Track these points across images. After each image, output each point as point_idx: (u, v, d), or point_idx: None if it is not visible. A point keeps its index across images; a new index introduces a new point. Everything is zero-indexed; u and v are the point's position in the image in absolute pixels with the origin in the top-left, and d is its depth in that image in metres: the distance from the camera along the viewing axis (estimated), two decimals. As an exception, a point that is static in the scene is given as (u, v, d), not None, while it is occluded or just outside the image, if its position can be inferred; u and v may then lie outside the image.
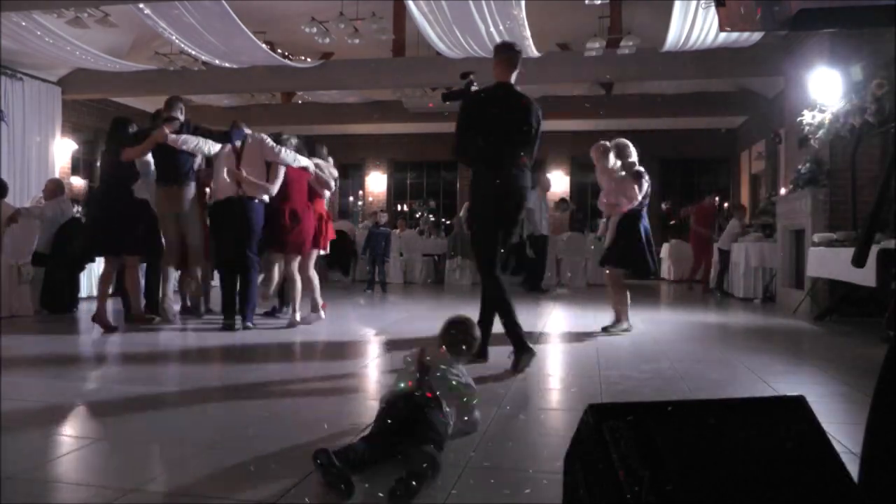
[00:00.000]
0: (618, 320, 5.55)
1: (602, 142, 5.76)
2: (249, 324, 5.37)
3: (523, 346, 3.89)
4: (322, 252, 6.11)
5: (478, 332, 2.73)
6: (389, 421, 2.19)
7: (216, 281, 6.90)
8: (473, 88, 4.41)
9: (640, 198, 5.46)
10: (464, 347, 2.58)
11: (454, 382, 2.41)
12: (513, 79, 4.33)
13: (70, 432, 2.67)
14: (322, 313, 5.98)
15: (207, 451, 2.36)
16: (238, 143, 5.51)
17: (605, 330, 5.48)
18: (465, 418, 2.47)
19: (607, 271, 5.72)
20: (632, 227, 5.43)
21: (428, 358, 2.43)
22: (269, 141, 5.50)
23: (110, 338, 5.06)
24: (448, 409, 2.31)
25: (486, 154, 4.13)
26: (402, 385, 2.36)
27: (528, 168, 4.27)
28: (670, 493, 1.25)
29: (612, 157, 5.60)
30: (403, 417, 2.18)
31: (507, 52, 4.38)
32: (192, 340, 5.21)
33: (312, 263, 5.90)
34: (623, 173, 5.53)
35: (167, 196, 5.71)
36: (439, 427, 2.19)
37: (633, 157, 5.59)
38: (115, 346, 4.82)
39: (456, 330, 2.66)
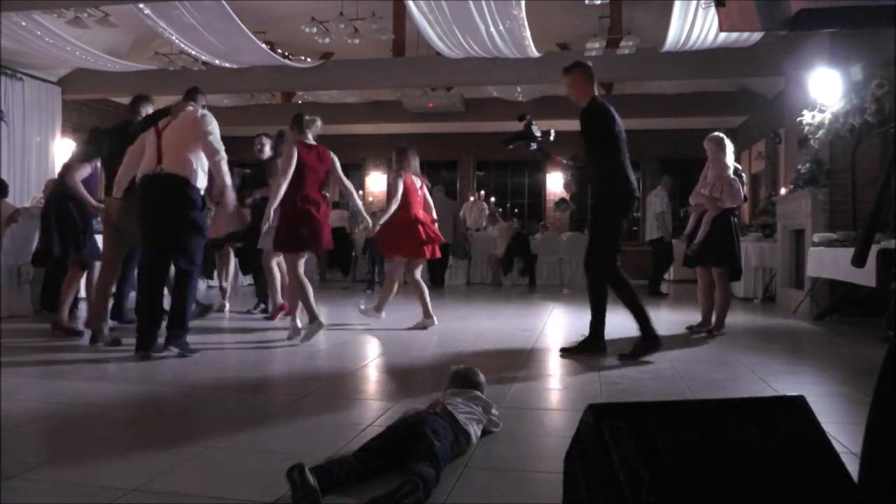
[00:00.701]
0: (706, 322, 5.53)
1: (718, 133, 5.68)
2: (176, 351, 4.19)
3: (650, 336, 4.25)
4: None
5: (482, 378, 2.72)
6: (390, 434, 2.16)
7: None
8: (533, 127, 4.67)
9: (743, 197, 5.52)
10: (476, 393, 2.57)
11: (475, 393, 2.52)
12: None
13: (70, 433, 2.67)
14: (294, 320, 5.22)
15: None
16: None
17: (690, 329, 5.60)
18: (488, 417, 2.48)
19: (700, 271, 5.59)
20: (729, 228, 5.36)
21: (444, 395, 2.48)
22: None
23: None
24: (464, 420, 2.28)
25: (624, 163, 4.43)
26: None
27: None
28: (670, 493, 1.25)
29: (729, 150, 5.53)
30: (404, 433, 2.13)
31: (586, 67, 4.70)
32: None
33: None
34: (731, 170, 5.49)
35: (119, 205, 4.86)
36: (442, 441, 2.11)
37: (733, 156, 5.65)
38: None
39: (464, 380, 2.65)
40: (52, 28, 7.81)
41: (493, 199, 14.88)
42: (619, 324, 4.86)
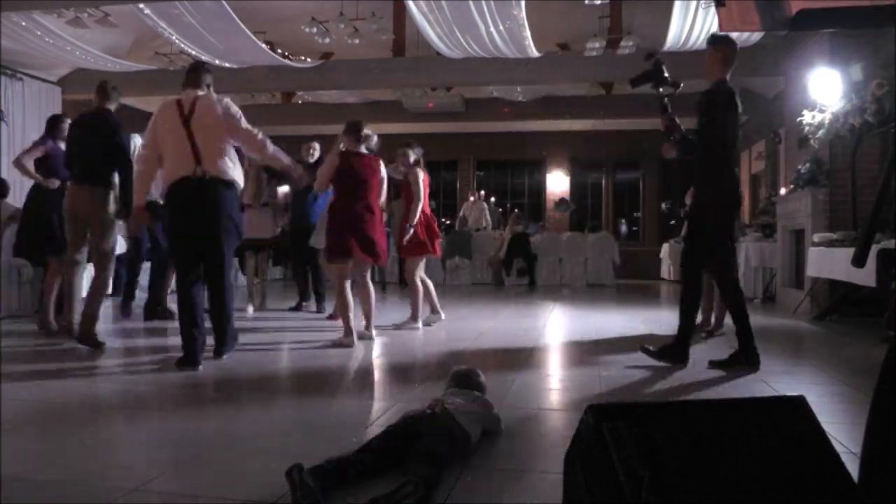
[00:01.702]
0: (706, 323, 5.47)
1: None
2: (226, 356, 4.07)
3: (750, 354, 3.92)
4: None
5: (483, 379, 2.72)
6: (390, 434, 2.16)
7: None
8: (663, 67, 4.19)
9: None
10: (476, 394, 2.57)
11: (476, 394, 2.52)
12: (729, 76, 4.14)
13: (70, 432, 2.67)
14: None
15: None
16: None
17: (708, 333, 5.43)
18: (488, 418, 2.48)
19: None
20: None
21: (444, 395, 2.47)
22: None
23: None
24: (464, 421, 2.28)
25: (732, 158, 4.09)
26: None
27: None
28: (670, 493, 1.25)
29: None
30: (404, 433, 2.14)
31: (732, 47, 4.24)
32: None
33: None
34: None
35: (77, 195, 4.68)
36: (442, 442, 2.12)
37: None
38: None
39: (465, 380, 2.65)
40: (52, 28, 7.80)
41: (493, 199, 14.88)
42: (622, 324, 4.86)
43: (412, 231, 5.58)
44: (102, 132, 4.63)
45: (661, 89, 4.18)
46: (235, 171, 4.01)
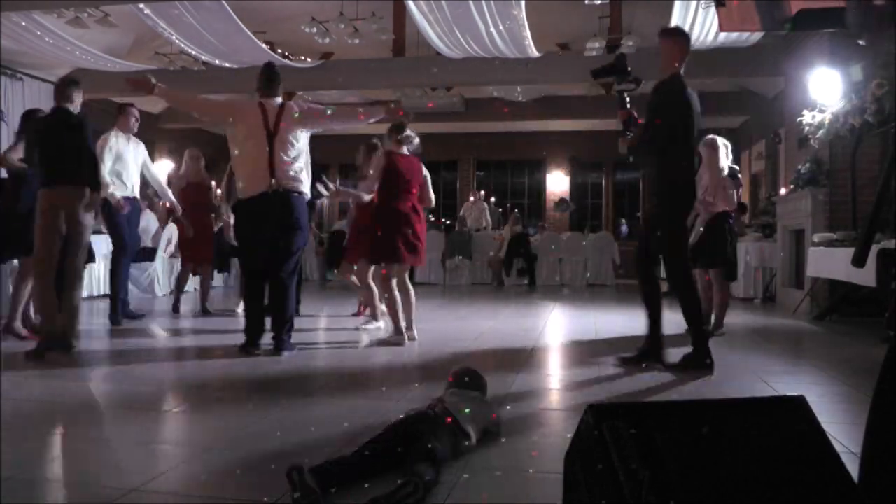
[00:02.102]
0: (719, 324, 5.46)
1: (712, 136, 5.66)
2: (286, 352, 4.27)
3: (704, 356, 3.86)
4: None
5: (483, 380, 2.70)
6: (390, 435, 2.15)
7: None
8: (626, 61, 4.17)
9: (737, 200, 5.49)
10: (476, 394, 2.56)
11: (475, 394, 2.51)
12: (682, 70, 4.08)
13: (70, 432, 2.67)
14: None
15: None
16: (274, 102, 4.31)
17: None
18: (488, 419, 2.48)
19: (698, 272, 5.41)
20: (723, 230, 5.35)
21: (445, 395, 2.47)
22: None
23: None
24: (464, 421, 2.28)
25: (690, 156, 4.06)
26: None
27: None
28: (670, 493, 1.25)
29: (722, 153, 5.54)
30: (403, 433, 2.13)
31: (684, 39, 4.16)
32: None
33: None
34: (725, 173, 5.48)
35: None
36: (442, 442, 2.11)
37: (731, 157, 5.60)
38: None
39: (465, 380, 2.64)
40: (52, 28, 7.80)
41: (493, 199, 14.88)
42: (622, 324, 4.86)
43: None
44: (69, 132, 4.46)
45: (621, 84, 4.16)
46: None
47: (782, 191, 8.71)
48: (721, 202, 5.38)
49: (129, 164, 5.83)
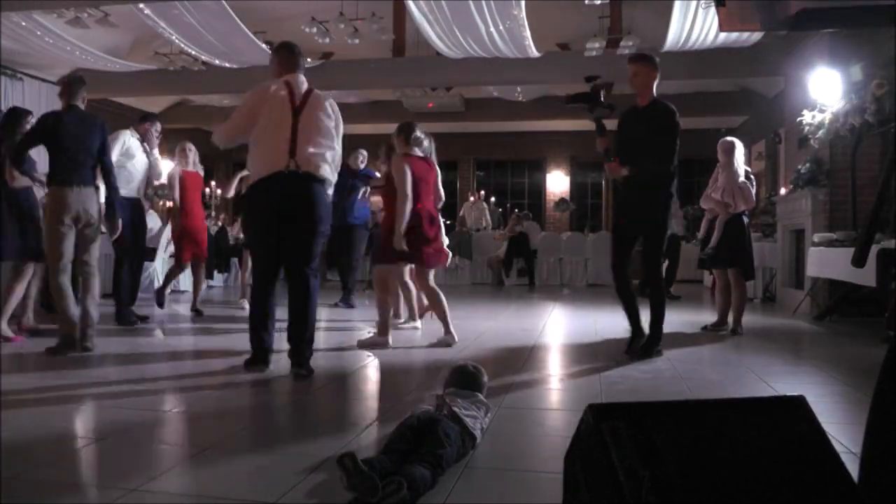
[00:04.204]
0: (722, 322, 5.64)
1: (730, 138, 5.75)
2: (304, 371, 3.65)
3: (655, 342, 4.28)
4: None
5: (485, 378, 2.70)
6: (409, 434, 2.14)
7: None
8: (601, 93, 4.42)
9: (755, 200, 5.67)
10: (479, 395, 2.56)
11: (478, 395, 2.50)
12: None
13: (70, 432, 2.67)
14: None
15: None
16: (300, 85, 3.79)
17: (706, 329, 5.66)
18: (488, 420, 2.49)
19: (717, 273, 5.73)
20: (741, 229, 5.48)
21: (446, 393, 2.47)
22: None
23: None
24: (471, 424, 2.27)
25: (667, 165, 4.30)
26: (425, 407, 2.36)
27: None
28: (670, 493, 1.25)
29: (739, 154, 5.60)
30: (419, 432, 2.12)
31: (653, 62, 4.52)
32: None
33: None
34: (742, 174, 5.56)
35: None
36: (453, 445, 2.10)
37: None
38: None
39: (466, 380, 2.63)
40: (52, 28, 7.80)
41: (493, 199, 14.88)
42: (622, 324, 4.86)
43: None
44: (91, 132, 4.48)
45: (594, 112, 4.37)
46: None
47: (782, 191, 8.71)
48: (741, 203, 5.46)
49: (136, 165, 5.81)
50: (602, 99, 4.35)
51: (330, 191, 3.83)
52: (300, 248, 3.66)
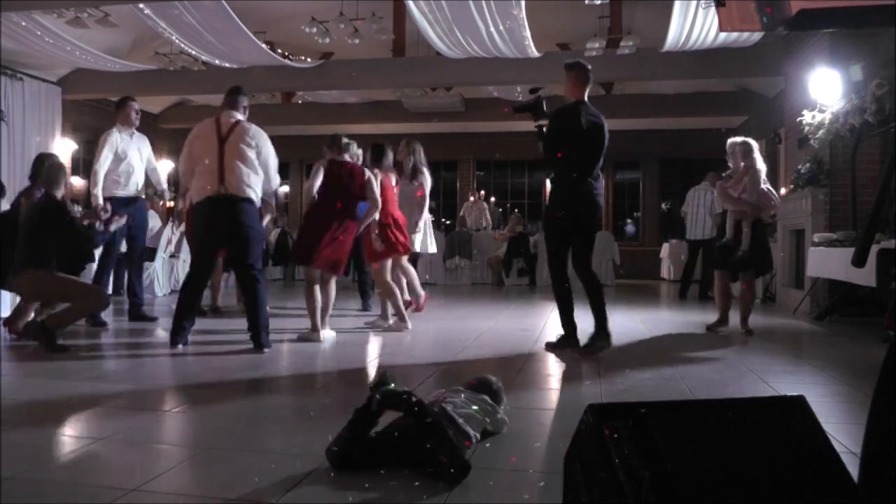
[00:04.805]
0: (723, 321, 5.57)
1: (744, 138, 5.59)
2: (266, 347, 4.45)
3: (603, 331, 4.44)
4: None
5: (499, 386, 2.70)
6: (406, 429, 2.16)
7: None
8: (543, 103, 4.69)
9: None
10: (482, 396, 2.55)
11: (480, 396, 2.50)
12: (586, 96, 4.63)
13: (70, 432, 2.67)
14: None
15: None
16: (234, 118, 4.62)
17: (710, 329, 5.60)
18: (493, 418, 2.49)
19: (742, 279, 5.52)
20: (765, 234, 5.45)
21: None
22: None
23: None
24: (464, 421, 2.28)
25: (587, 164, 4.50)
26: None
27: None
28: (670, 493, 1.25)
29: (758, 155, 5.39)
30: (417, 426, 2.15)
31: (583, 70, 4.65)
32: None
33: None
34: (764, 176, 5.36)
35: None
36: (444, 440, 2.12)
37: None
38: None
39: (481, 382, 2.64)
40: (52, 28, 7.80)
41: (493, 199, 14.88)
42: (622, 324, 4.86)
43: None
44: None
45: (538, 121, 4.64)
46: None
47: (782, 191, 8.71)
48: (767, 206, 5.35)
49: (133, 162, 5.79)
50: (545, 109, 4.64)
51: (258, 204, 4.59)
52: (238, 254, 4.52)
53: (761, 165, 5.40)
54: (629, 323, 6.17)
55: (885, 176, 1.66)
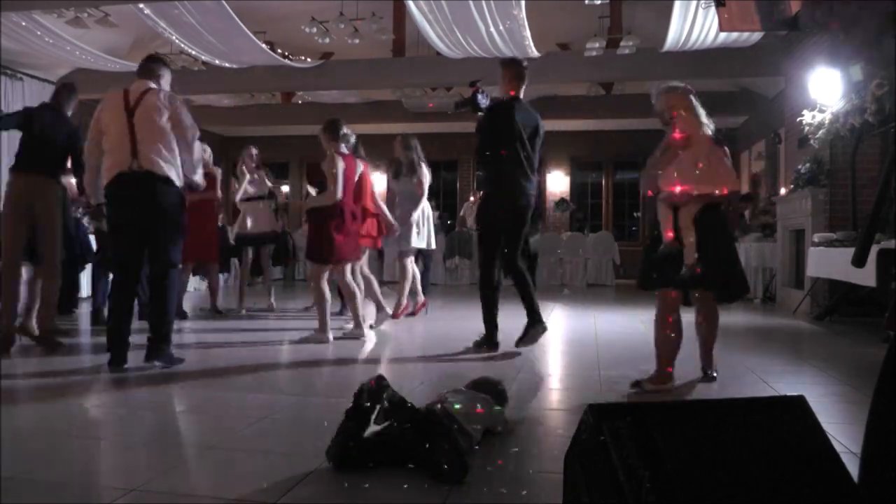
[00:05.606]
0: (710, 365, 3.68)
1: (675, 83, 3.89)
2: (160, 363, 3.85)
3: (536, 319, 4.50)
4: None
5: (501, 387, 2.70)
6: (405, 429, 2.16)
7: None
8: (480, 97, 4.72)
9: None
10: (482, 396, 2.55)
11: (481, 396, 2.49)
12: (522, 93, 4.67)
13: (70, 432, 2.67)
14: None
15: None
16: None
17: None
18: (493, 419, 2.49)
19: (697, 295, 3.56)
20: (720, 226, 3.42)
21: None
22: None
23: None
24: (465, 421, 2.27)
25: (520, 161, 4.51)
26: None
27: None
28: (670, 493, 1.25)
29: (698, 105, 3.67)
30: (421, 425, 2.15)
31: (517, 66, 4.68)
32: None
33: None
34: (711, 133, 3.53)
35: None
36: (446, 440, 2.12)
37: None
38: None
39: (482, 381, 2.65)
40: (52, 28, 7.80)
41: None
42: (622, 324, 4.86)
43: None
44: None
45: (479, 114, 4.71)
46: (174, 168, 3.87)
47: (782, 191, 8.71)
48: (721, 181, 3.39)
49: None
50: (479, 103, 4.71)
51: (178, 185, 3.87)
52: (151, 244, 3.83)
53: (706, 120, 3.69)
54: (629, 323, 6.17)
55: (885, 176, 1.66)
